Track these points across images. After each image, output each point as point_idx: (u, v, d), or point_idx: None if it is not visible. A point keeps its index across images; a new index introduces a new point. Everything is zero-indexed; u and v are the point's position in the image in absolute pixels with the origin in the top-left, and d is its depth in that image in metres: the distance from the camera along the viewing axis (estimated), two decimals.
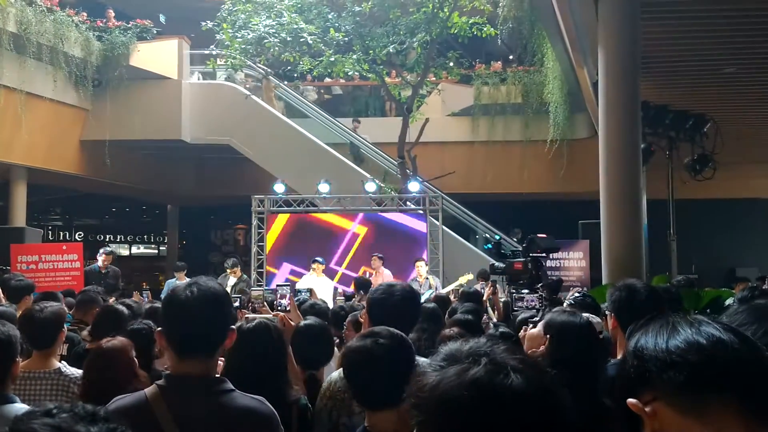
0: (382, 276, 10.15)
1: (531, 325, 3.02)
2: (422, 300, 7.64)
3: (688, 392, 1.01)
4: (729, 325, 1.09)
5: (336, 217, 12.29)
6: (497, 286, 7.19)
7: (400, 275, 10.20)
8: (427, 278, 10.12)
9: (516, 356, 1.06)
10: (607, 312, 3.08)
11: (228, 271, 9.80)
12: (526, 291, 5.57)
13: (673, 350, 1.04)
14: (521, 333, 3.11)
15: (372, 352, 2.11)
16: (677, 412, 1.02)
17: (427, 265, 10.72)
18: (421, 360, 2.17)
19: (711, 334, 1.05)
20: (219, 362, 2.53)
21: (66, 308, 4.27)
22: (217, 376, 2.07)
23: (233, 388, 2.02)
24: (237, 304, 4.86)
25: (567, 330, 2.44)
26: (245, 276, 10.08)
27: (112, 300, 6.66)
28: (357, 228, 12.18)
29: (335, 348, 3.74)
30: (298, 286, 8.13)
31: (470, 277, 9.41)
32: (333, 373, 2.84)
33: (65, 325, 3.68)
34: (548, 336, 2.53)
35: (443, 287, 9.92)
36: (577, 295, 4.50)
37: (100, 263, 9.43)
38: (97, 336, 4.03)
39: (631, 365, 1.08)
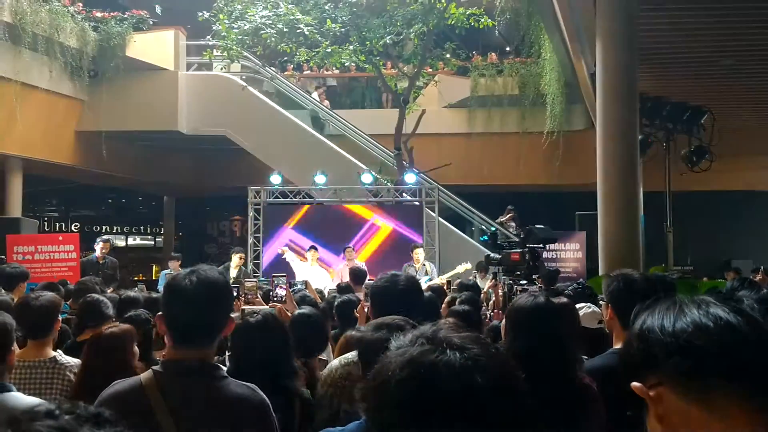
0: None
1: None
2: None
3: (694, 378, 0.97)
4: (738, 306, 1.03)
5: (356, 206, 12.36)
6: (497, 278, 7.18)
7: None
8: (424, 264, 10.11)
9: (462, 335, 1.01)
10: (603, 302, 3.07)
11: (236, 256, 9.89)
12: (524, 282, 5.57)
13: (679, 334, 0.99)
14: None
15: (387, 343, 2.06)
16: (682, 398, 0.98)
17: (424, 251, 10.70)
18: None
19: (719, 317, 1.00)
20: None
21: (62, 298, 4.23)
22: (213, 363, 2.06)
23: (227, 375, 2.02)
24: (234, 294, 4.84)
25: (521, 314, 2.41)
26: (243, 267, 10.10)
27: (110, 291, 6.64)
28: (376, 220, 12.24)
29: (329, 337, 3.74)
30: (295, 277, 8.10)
31: (468, 266, 9.39)
32: (333, 361, 2.82)
33: (61, 315, 3.65)
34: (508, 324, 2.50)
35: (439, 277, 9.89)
36: (575, 285, 4.49)
37: (98, 252, 9.43)
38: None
39: (636, 348, 1.05)
